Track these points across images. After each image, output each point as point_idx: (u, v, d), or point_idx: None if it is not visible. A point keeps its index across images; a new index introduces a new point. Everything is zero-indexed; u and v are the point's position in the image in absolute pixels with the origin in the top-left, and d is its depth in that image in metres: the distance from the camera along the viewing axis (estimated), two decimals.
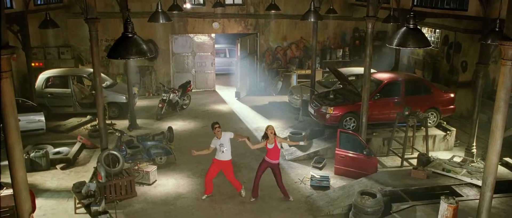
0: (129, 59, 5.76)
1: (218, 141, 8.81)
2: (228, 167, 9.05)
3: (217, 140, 8.81)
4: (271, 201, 9.15)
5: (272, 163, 8.83)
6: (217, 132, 8.79)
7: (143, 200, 9.27)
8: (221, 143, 8.79)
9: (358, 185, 9.22)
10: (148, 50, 4.50)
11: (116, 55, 4.46)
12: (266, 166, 8.91)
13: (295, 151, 11.75)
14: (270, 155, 8.77)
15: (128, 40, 4.50)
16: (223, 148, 8.80)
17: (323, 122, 12.28)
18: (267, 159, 8.84)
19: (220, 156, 8.87)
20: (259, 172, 8.97)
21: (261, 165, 8.96)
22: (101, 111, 9.30)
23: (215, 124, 8.86)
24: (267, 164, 8.87)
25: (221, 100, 17.75)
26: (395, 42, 5.44)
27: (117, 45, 4.53)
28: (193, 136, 13.28)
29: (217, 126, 8.82)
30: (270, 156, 8.78)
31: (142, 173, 9.92)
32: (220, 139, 8.79)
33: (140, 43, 4.54)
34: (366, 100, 9.96)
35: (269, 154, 8.79)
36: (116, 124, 14.16)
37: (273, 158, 8.78)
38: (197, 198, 9.33)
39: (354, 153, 10.15)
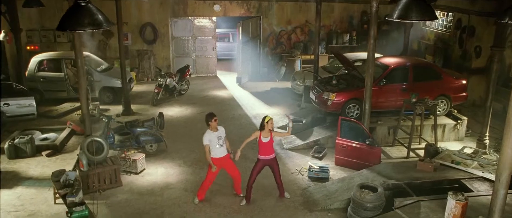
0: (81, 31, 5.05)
1: (215, 134, 7.70)
2: (228, 162, 8.03)
3: (213, 134, 7.69)
4: (261, 191, 8.52)
5: (268, 159, 7.87)
6: (214, 125, 7.72)
7: (128, 190, 8.69)
8: (219, 136, 7.76)
9: (359, 177, 8.54)
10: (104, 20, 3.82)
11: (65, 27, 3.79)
12: (262, 165, 7.91)
13: (294, 140, 11.07)
14: (265, 151, 7.78)
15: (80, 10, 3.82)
16: (220, 140, 7.76)
17: (324, 109, 11.56)
18: (262, 158, 7.83)
19: (218, 152, 7.76)
20: (254, 173, 7.90)
21: (256, 166, 7.90)
22: (83, 95, 8.70)
23: (213, 116, 7.72)
24: (263, 162, 7.89)
25: (222, 86, 17.09)
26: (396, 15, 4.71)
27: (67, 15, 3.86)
28: (189, 123, 12.67)
29: (215, 118, 7.72)
30: (265, 152, 7.79)
31: (129, 162, 9.34)
32: (216, 132, 7.79)
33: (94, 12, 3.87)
34: (369, 86, 9.21)
35: (263, 150, 7.77)
36: (104, 109, 13.64)
37: (269, 153, 7.84)
38: (186, 189, 8.73)
39: (356, 143, 9.45)
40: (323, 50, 17.90)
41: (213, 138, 7.72)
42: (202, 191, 8.13)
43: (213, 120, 7.69)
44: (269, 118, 7.75)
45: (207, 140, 7.68)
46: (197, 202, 8.13)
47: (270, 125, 7.70)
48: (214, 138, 7.73)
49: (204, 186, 8.10)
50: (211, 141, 7.70)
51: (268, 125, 7.69)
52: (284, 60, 17.86)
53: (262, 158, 7.87)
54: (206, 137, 7.68)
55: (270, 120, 7.71)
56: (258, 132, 7.77)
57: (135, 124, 10.24)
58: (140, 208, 8.01)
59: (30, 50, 15.92)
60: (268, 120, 7.70)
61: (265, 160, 7.89)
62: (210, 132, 7.72)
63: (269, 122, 7.69)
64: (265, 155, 7.84)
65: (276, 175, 8.07)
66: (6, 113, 12.29)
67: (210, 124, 7.70)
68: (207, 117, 7.76)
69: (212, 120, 7.68)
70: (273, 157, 7.94)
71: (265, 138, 7.73)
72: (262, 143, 7.75)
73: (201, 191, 8.14)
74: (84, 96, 8.72)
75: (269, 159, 7.89)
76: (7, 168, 9.63)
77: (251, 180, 7.97)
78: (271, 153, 7.88)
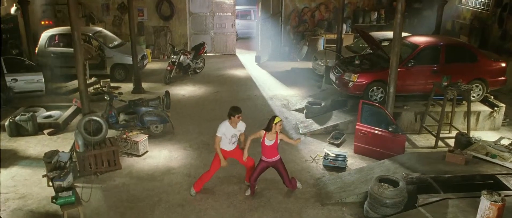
0: None
1: (232, 131, 6.93)
2: (239, 152, 7.23)
3: (231, 129, 6.90)
4: (269, 180, 7.75)
5: (272, 161, 7.04)
6: (235, 121, 6.87)
7: (127, 174, 8.09)
8: (235, 134, 6.99)
9: (379, 168, 7.64)
10: None
11: None
12: (266, 166, 7.11)
13: (311, 124, 10.22)
14: (267, 153, 6.97)
15: None
16: (234, 138, 7.04)
17: (345, 92, 10.62)
18: (264, 159, 7.03)
19: (229, 147, 7.09)
20: (257, 171, 7.13)
21: (259, 165, 7.14)
22: (81, 70, 8.06)
23: (238, 112, 6.81)
24: (266, 164, 7.08)
25: (240, 65, 16.32)
26: None
27: None
28: (201, 103, 11.97)
29: (239, 115, 6.84)
30: (268, 155, 6.98)
31: (130, 143, 8.72)
32: (235, 128, 6.96)
33: None
34: (394, 66, 8.22)
35: (265, 152, 6.96)
36: (115, 86, 13.10)
37: (272, 156, 7.00)
38: (188, 174, 8.05)
39: (378, 129, 8.52)
40: (348, 29, 16.82)
41: (228, 134, 6.95)
42: (200, 182, 7.36)
43: (236, 116, 6.85)
44: (278, 119, 6.84)
45: (221, 132, 6.91)
46: (193, 194, 7.37)
47: (278, 127, 6.82)
48: (229, 134, 6.96)
49: (204, 178, 7.34)
50: (225, 136, 6.95)
51: (276, 127, 6.82)
52: (306, 39, 16.86)
53: (264, 160, 7.08)
54: (222, 129, 6.91)
55: (279, 122, 6.81)
56: (263, 132, 6.93)
57: (139, 103, 9.58)
58: (136, 194, 7.38)
59: (44, 25, 15.49)
60: (277, 122, 6.81)
61: (268, 162, 7.09)
62: (227, 126, 6.93)
63: (278, 124, 6.80)
64: (268, 157, 7.03)
65: (284, 177, 7.19)
66: (13, 89, 11.91)
67: (232, 119, 6.88)
68: (231, 110, 6.87)
69: (236, 116, 6.84)
70: (277, 160, 7.08)
71: (269, 141, 6.88)
72: (265, 145, 6.92)
73: (199, 182, 7.37)
74: (82, 72, 8.08)
75: (272, 162, 7.08)
76: (7, 146, 9.19)
77: (254, 176, 7.19)
78: (274, 155, 7.03)
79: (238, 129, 7.02)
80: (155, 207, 7.02)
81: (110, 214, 6.82)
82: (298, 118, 10.81)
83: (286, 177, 7.18)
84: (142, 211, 6.91)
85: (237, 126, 6.99)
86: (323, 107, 10.72)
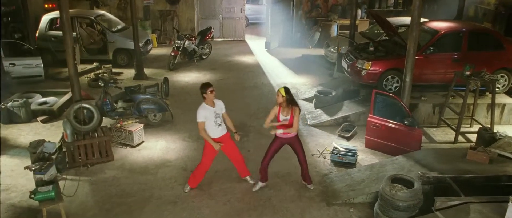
0: None
1: (212, 110, 6.25)
2: (229, 142, 6.59)
3: (210, 109, 6.24)
4: (270, 175, 7.12)
5: (287, 137, 6.37)
6: (209, 97, 6.20)
7: (119, 166, 7.53)
8: (217, 113, 6.30)
9: (392, 165, 6.94)
10: None
11: None
12: (280, 144, 6.44)
13: (320, 115, 9.53)
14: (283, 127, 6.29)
15: None
16: (218, 119, 6.34)
17: (358, 80, 9.88)
18: (279, 135, 6.35)
19: (216, 132, 6.35)
20: (270, 152, 6.47)
21: (273, 143, 6.45)
22: (70, 52, 7.48)
23: (208, 86, 6.18)
24: (281, 140, 6.40)
25: (248, 51, 15.64)
26: None
27: None
28: None
29: (211, 89, 6.17)
30: None
31: (124, 133, 8.16)
32: (214, 107, 6.30)
33: None
34: (412, 53, 7.45)
35: (281, 128, 6.29)
36: (116, 72, 12.57)
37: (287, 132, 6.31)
38: (185, 167, 7.47)
39: (392, 122, 7.79)
40: (363, 14, 15.96)
41: (209, 115, 6.27)
42: (194, 178, 6.74)
43: (208, 91, 6.18)
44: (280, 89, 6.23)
45: (202, 116, 6.23)
46: (187, 191, 6.76)
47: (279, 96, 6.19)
48: (210, 114, 6.28)
49: (198, 173, 6.70)
50: (207, 119, 6.27)
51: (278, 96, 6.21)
52: (319, 24, 16.09)
53: (279, 136, 6.39)
54: (201, 113, 6.23)
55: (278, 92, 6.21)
56: (277, 108, 6.31)
57: (136, 90, 8.99)
58: (127, 189, 6.82)
59: (48, 8, 14.97)
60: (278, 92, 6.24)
61: (282, 138, 6.41)
62: (205, 107, 6.26)
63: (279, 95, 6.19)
64: (283, 133, 6.33)
65: (300, 157, 6.53)
66: (11, 74, 11.45)
67: (205, 97, 6.22)
68: (202, 87, 6.25)
69: (207, 91, 6.18)
70: (293, 136, 6.40)
71: (282, 116, 6.26)
72: (280, 120, 6.31)
73: (193, 178, 6.75)
74: (70, 55, 7.51)
75: (288, 138, 6.40)
76: None
77: (266, 159, 6.53)
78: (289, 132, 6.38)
79: (218, 107, 6.36)
80: (145, 203, 6.45)
81: (95, 211, 6.27)
82: (306, 108, 10.12)
83: (303, 157, 6.52)
84: (130, 208, 6.35)
85: (216, 104, 6.34)
86: (334, 97, 10.01)
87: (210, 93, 6.20)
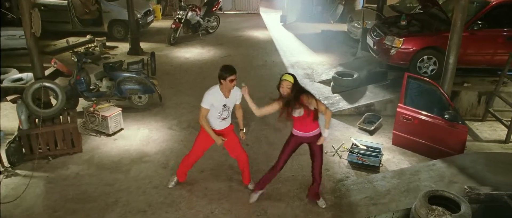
0: None
1: (223, 100, 4.87)
2: (232, 137, 5.16)
3: (222, 98, 4.85)
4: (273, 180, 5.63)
5: (306, 136, 4.81)
6: (227, 86, 4.77)
7: (87, 160, 6.16)
8: (227, 106, 4.93)
9: (427, 172, 5.34)
10: None
11: None
12: (296, 143, 4.92)
13: (338, 102, 7.93)
14: (300, 125, 4.76)
15: None
16: (226, 112, 4.96)
17: (386, 61, 8.21)
18: (297, 133, 4.83)
19: (217, 124, 4.98)
20: (285, 155, 4.95)
21: (289, 142, 4.94)
22: (26, 20, 6.08)
23: (231, 73, 4.71)
24: (296, 140, 4.88)
25: (262, 25, 14.03)
26: None
27: None
28: (205, 69, 9.84)
29: (232, 77, 4.72)
30: (301, 127, 4.77)
31: (97, 118, 6.76)
32: (227, 98, 4.90)
33: None
34: (459, 27, 5.76)
35: (298, 124, 4.78)
36: (111, 46, 11.17)
37: (307, 129, 4.76)
38: (165, 164, 6.03)
39: (428, 115, 6.14)
40: None
41: (217, 105, 4.83)
42: (182, 168, 5.37)
43: (228, 79, 4.70)
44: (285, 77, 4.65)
45: (208, 103, 4.79)
46: (172, 186, 5.41)
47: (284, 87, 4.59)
48: (218, 104, 4.84)
49: (186, 163, 5.32)
50: (214, 108, 4.84)
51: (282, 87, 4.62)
52: None
53: (297, 134, 4.83)
54: (208, 98, 4.79)
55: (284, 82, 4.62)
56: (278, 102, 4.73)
57: (116, 67, 7.55)
58: (89, 191, 5.43)
59: None
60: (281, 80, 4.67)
61: (300, 137, 4.83)
62: (216, 93, 4.81)
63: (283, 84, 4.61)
64: (302, 130, 4.78)
65: (316, 163, 4.93)
66: None
67: (223, 83, 4.75)
68: (222, 71, 4.73)
69: (227, 78, 4.69)
70: (315, 135, 4.80)
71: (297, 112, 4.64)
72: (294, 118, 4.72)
73: (182, 168, 5.38)
74: (28, 23, 6.09)
75: (307, 137, 4.80)
76: None
77: (280, 165, 4.98)
78: (311, 128, 4.76)
79: (232, 99, 4.91)
80: (106, 211, 5.06)
81: None
82: (322, 93, 8.54)
83: (320, 164, 4.93)
84: (86, 217, 4.97)
85: (231, 95, 4.88)
86: (355, 80, 8.37)
87: (230, 82, 4.72)
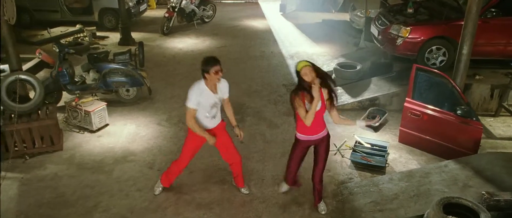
0: None
1: (211, 98, 4.29)
2: (224, 135, 4.58)
3: (209, 95, 4.27)
4: (267, 181, 5.13)
5: (315, 139, 4.22)
6: (212, 78, 4.18)
7: (67, 159, 5.66)
8: (215, 103, 4.35)
9: (439, 174, 4.84)
10: None
11: None
12: (305, 147, 4.32)
13: (340, 95, 7.41)
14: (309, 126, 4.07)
15: None
16: (214, 110, 4.38)
17: (391, 51, 7.69)
18: (302, 137, 4.21)
19: (209, 123, 4.42)
20: (294, 159, 4.38)
21: (295, 149, 4.34)
22: None
23: (214, 64, 4.14)
24: (306, 144, 4.28)
25: (260, 15, 13.47)
26: None
27: None
28: (199, 61, 9.18)
29: (217, 69, 4.14)
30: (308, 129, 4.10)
31: (80, 113, 6.25)
32: (215, 94, 4.33)
33: None
34: (474, 12, 5.23)
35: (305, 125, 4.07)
36: (102, 36, 10.64)
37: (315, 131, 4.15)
38: (151, 164, 5.53)
39: (438, 110, 5.63)
40: None
41: (204, 103, 4.27)
42: (168, 175, 4.85)
43: (212, 71, 4.13)
44: (304, 64, 3.96)
45: (194, 102, 4.23)
46: (158, 193, 4.90)
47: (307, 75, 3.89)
48: (207, 102, 4.28)
49: (174, 170, 4.78)
50: (201, 106, 4.28)
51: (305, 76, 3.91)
52: None
53: (303, 138, 4.22)
54: (194, 97, 4.21)
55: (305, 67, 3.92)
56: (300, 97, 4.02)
57: (101, 58, 7.03)
58: (67, 194, 4.95)
59: None
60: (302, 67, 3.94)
61: (308, 141, 4.26)
62: (202, 90, 4.24)
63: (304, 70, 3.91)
64: (309, 133, 4.17)
65: (319, 167, 4.35)
66: None
67: (207, 77, 4.19)
68: (204, 64, 4.18)
69: (211, 70, 4.13)
70: (323, 136, 4.24)
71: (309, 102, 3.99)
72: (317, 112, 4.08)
73: (167, 175, 4.86)
74: (1, 13, 5.54)
75: (316, 140, 4.23)
76: None
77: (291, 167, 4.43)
78: (319, 129, 4.19)
79: (219, 94, 4.36)
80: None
81: None
82: None
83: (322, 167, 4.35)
84: None
85: (218, 89, 4.33)
86: (359, 72, 7.85)
87: (215, 74, 4.14)
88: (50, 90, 6.77)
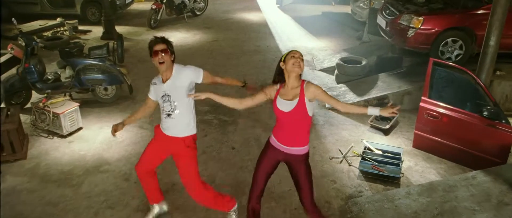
0: None
1: (162, 87, 3.47)
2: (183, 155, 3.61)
3: (158, 84, 3.51)
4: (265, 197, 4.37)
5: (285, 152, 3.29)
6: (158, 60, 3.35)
7: (30, 169, 4.88)
8: (167, 94, 3.47)
9: (466, 188, 4.08)
10: None
11: None
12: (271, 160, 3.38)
13: (344, 94, 6.66)
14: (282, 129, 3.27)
15: None
16: (169, 104, 3.48)
17: (401, 44, 6.93)
18: (275, 143, 3.32)
19: (166, 126, 3.57)
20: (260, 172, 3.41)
21: (264, 157, 3.41)
22: None
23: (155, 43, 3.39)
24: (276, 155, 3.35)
25: (256, 7, 12.72)
26: None
27: None
28: (190, 56, 8.55)
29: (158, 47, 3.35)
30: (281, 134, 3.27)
31: (48, 116, 5.46)
32: (165, 82, 3.45)
33: None
34: (504, 2, 4.47)
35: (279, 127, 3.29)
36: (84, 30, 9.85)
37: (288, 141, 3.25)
38: (127, 175, 4.75)
39: (461, 112, 4.87)
40: None
41: (157, 93, 3.52)
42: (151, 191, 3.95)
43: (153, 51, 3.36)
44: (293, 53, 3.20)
45: (151, 90, 3.58)
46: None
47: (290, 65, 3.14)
48: (157, 94, 3.52)
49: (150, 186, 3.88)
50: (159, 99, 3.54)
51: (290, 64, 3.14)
52: None
53: (275, 144, 3.32)
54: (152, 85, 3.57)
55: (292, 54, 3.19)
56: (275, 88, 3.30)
57: (75, 53, 6.22)
58: (23, 214, 4.16)
59: None
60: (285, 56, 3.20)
61: (280, 152, 3.32)
62: (156, 79, 3.53)
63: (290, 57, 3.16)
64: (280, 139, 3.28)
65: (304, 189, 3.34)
66: None
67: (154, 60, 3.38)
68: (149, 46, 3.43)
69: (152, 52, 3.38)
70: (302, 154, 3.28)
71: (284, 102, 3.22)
72: (278, 110, 3.23)
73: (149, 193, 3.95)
74: None
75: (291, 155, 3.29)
76: None
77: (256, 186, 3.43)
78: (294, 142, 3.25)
79: (174, 82, 3.44)
80: None
81: None
82: (325, 83, 7.26)
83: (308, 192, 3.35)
84: None
85: (172, 78, 3.43)
86: (364, 67, 7.10)
87: (155, 56, 3.35)
88: (16, 89, 6.00)
